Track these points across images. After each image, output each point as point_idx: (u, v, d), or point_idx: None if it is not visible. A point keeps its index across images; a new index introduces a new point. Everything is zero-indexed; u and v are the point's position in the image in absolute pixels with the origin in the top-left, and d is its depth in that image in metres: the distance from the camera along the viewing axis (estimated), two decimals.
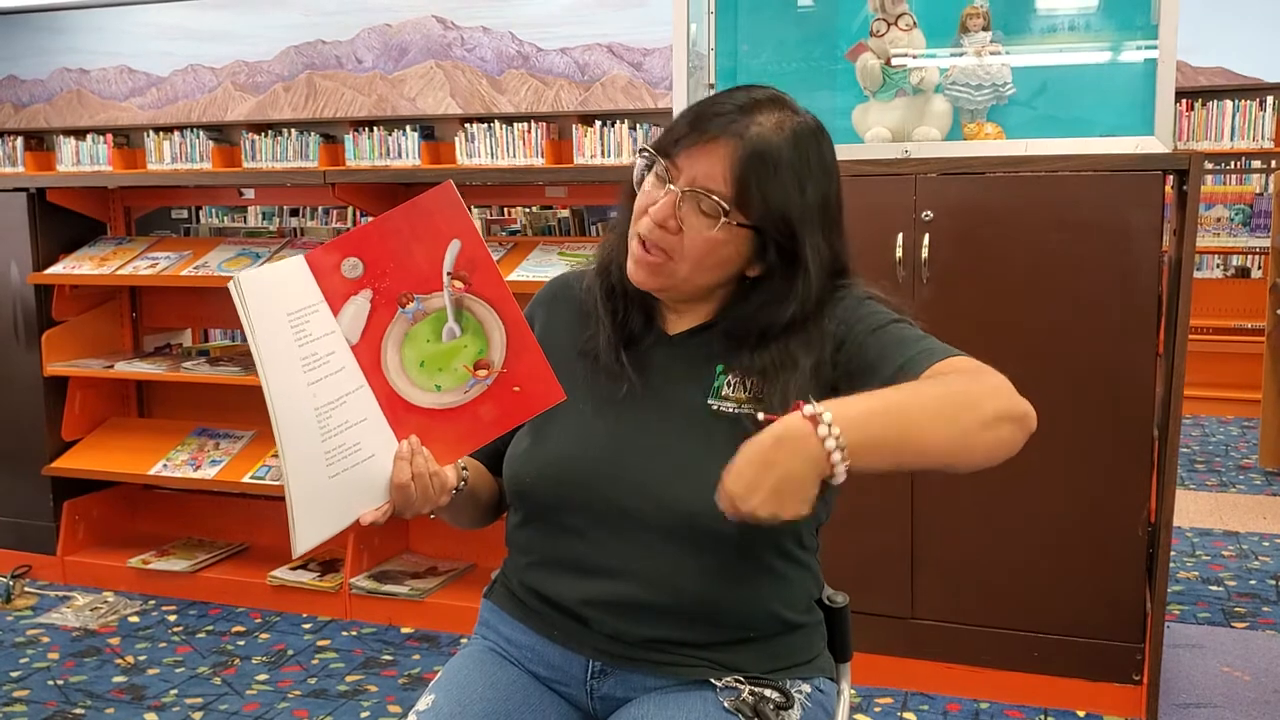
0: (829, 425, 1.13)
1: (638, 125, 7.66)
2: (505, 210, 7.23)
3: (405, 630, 3.34)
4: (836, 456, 1.13)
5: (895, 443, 1.18)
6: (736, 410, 1.38)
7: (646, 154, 1.39)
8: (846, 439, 1.13)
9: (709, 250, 1.35)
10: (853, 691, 1.60)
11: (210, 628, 3.37)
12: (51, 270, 3.64)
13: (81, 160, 9.08)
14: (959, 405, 1.21)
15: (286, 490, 1.28)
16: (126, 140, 9.09)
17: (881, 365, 1.32)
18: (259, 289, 1.29)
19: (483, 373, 1.35)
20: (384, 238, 1.34)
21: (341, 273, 1.34)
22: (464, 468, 1.42)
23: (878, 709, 2.78)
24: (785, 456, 1.14)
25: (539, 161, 7.90)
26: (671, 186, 1.35)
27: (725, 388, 1.39)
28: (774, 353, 1.37)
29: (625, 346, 1.44)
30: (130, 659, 3.15)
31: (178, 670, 3.08)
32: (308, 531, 1.30)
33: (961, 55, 2.90)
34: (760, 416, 1.20)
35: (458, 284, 1.34)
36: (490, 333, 1.35)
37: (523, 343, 1.35)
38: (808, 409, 1.14)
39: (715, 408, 1.39)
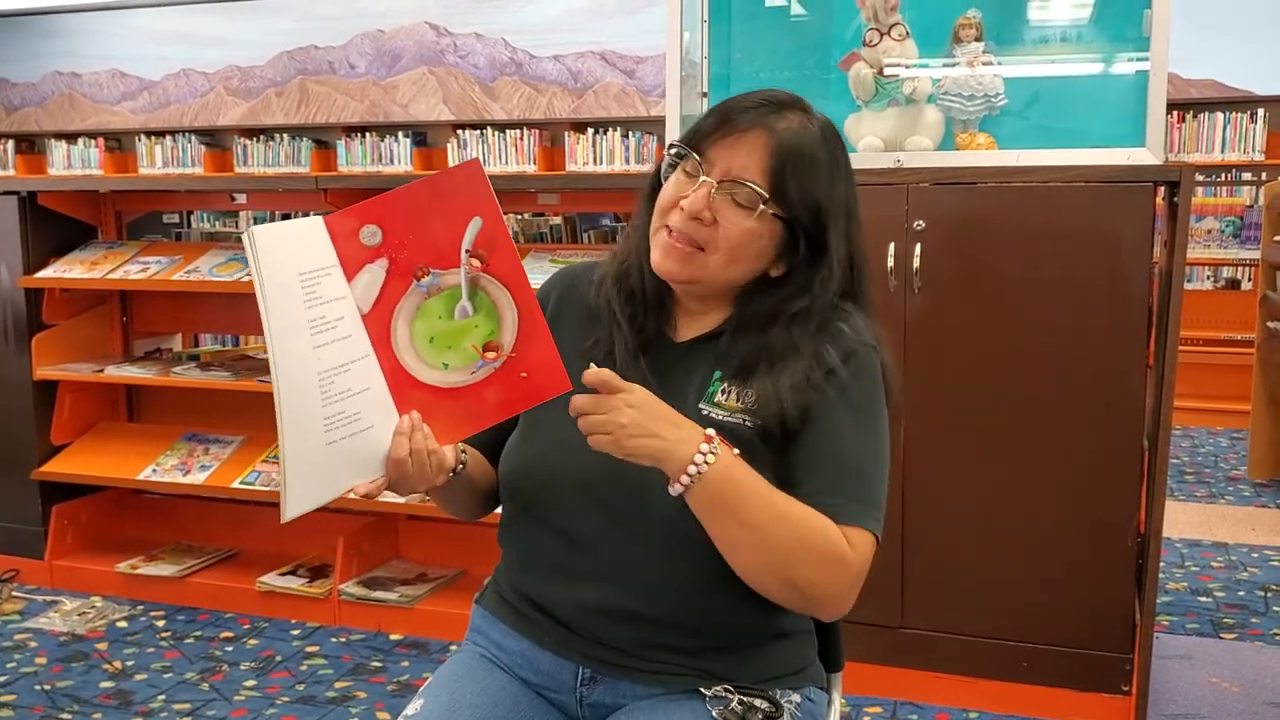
0: (700, 468, 1.24)
1: (630, 133, 7.66)
2: None
3: (394, 637, 3.33)
4: (684, 480, 1.24)
5: (722, 521, 1.27)
6: (725, 418, 1.37)
7: (675, 148, 1.40)
8: (702, 484, 1.24)
9: (745, 241, 1.36)
10: (842, 701, 1.60)
11: (198, 633, 3.36)
12: (42, 274, 3.63)
13: (73, 164, 9.06)
14: (784, 559, 1.28)
15: (281, 452, 1.25)
16: (118, 144, 9.08)
17: (803, 457, 1.35)
18: (273, 244, 1.27)
19: (491, 355, 1.33)
20: (406, 208, 1.33)
21: (360, 239, 1.32)
22: (463, 451, 1.41)
23: (867, 718, 2.78)
24: (658, 448, 1.24)
25: (531, 169, 7.90)
26: (705, 179, 1.36)
27: (719, 394, 1.39)
28: (779, 335, 1.37)
29: (642, 352, 1.43)
30: (118, 664, 3.14)
31: (165, 676, 3.07)
32: (299, 496, 1.27)
33: (954, 65, 2.91)
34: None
35: (475, 262, 1.32)
36: (503, 315, 1.33)
37: (534, 329, 1.33)
38: (708, 446, 1.25)
39: (705, 413, 1.38)
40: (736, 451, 1.27)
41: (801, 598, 1.31)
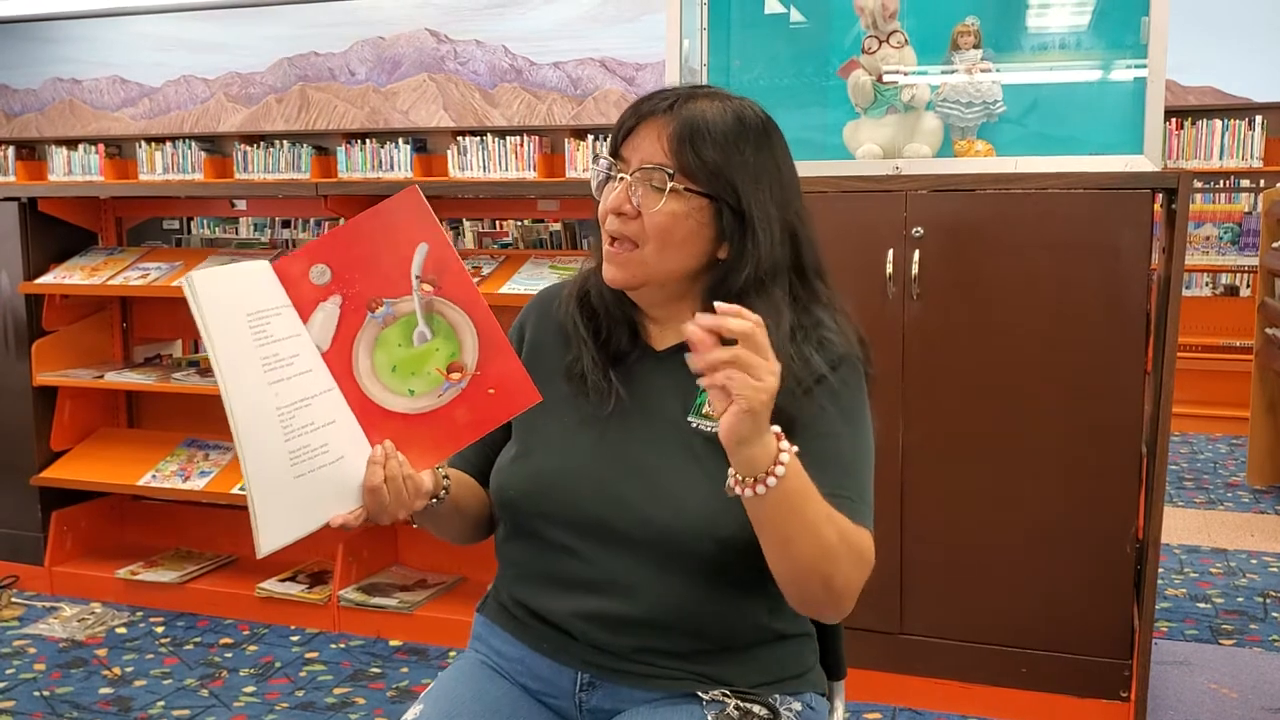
0: (784, 465, 1.19)
1: None
2: (497, 223, 7.23)
3: (394, 643, 3.33)
4: (772, 480, 1.19)
5: (789, 519, 1.23)
6: (713, 429, 1.37)
7: (600, 160, 1.42)
8: (783, 483, 1.19)
9: (670, 224, 1.36)
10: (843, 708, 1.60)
11: (198, 639, 3.36)
12: (42, 280, 3.64)
13: (73, 170, 9.08)
14: (831, 557, 1.26)
15: (247, 490, 1.26)
16: (118, 150, 9.09)
17: (803, 462, 1.29)
18: (213, 289, 1.28)
19: (456, 375, 1.34)
20: (351, 243, 1.34)
21: (310, 279, 1.34)
22: (445, 476, 1.41)
23: None
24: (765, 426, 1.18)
25: (531, 175, 7.91)
26: (623, 176, 1.38)
27: (706, 405, 1.38)
28: None
29: (612, 364, 1.44)
30: (117, 670, 3.14)
31: (165, 682, 3.07)
32: (271, 531, 1.28)
33: (953, 73, 2.92)
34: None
35: (426, 287, 1.34)
36: (462, 335, 1.34)
37: (495, 345, 1.34)
38: (786, 444, 1.21)
39: (695, 425, 1.39)
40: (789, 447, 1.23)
41: (830, 598, 1.30)
